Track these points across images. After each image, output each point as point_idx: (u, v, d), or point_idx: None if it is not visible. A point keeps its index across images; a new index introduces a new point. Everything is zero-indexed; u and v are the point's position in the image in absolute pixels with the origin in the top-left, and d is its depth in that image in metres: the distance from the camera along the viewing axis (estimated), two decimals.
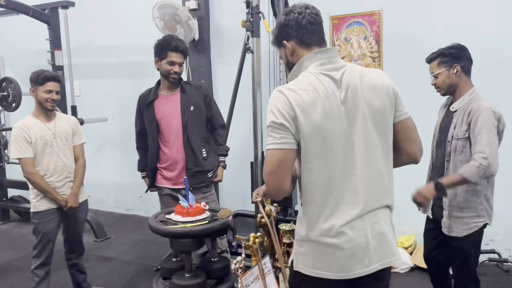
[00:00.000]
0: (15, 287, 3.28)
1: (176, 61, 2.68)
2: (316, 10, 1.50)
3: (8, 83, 4.70)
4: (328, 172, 1.37)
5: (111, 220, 4.91)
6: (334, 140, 1.36)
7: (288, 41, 1.48)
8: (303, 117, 1.33)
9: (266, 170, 1.37)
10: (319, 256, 1.41)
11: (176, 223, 2.18)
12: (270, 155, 1.36)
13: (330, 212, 1.38)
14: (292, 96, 1.34)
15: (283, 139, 1.34)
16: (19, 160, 2.69)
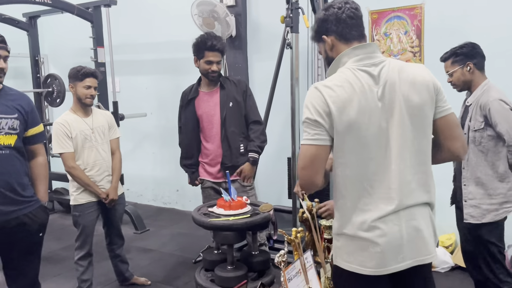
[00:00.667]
0: (60, 275, 3.42)
1: (214, 60, 2.74)
2: (356, 4, 1.50)
3: (53, 79, 4.91)
4: (362, 168, 1.38)
5: (149, 213, 5.03)
6: (370, 136, 1.37)
7: (327, 36, 1.48)
8: (338, 113, 1.34)
9: (300, 165, 1.41)
10: (353, 251, 1.42)
11: (219, 216, 2.22)
12: (304, 150, 1.39)
13: (364, 206, 1.39)
14: (328, 93, 1.35)
15: (317, 135, 1.36)
16: (60, 155, 2.79)
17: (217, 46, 2.73)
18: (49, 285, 3.19)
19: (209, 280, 2.25)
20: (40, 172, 2.26)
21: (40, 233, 2.21)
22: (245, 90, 2.88)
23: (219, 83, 2.86)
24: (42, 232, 2.23)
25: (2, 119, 2.02)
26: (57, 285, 3.25)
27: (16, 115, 2.08)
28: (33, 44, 4.91)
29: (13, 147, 2.05)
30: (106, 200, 2.84)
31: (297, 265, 2.01)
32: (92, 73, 2.81)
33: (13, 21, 4.63)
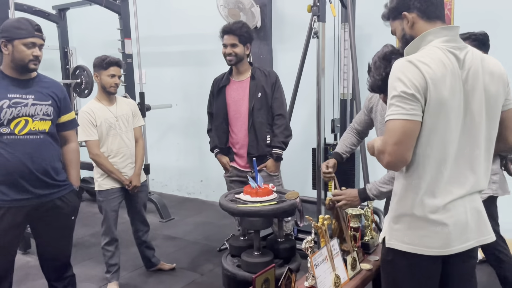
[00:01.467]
0: (90, 259, 3.52)
1: (226, 43, 2.79)
2: None
3: (81, 71, 5.01)
4: (443, 149, 1.38)
5: (173, 202, 5.11)
6: (453, 118, 1.38)
7: (409, 12, 1.45)
8: (433, 90, 1.32)
9: (391, 140, 1.34)
10: (418, 232, 1.43)
11: (246, 203, 2.24)
12: (398, 125, 1.33)
13: (436, 189, 1.40)
14: (424, 69, 1.32)
15: (413, 110, 1.32)
16: (85, 143, 2.85)
17: (227, 28, 2.77)
18: (80, 269, 3.28)
19: (236, 265, 2.28)
20: (72, 158, 2.33)
21: (72, 216, 2.28)
22: (274, 82, 2.87)
23: (250, 73, 2.87)
24: (74, 215, 2.30)
25: (37, 105, 2.09)
26: (87, 269, 3.34)
27: (50, 102, 2.15)
28: (62, 36, 5.03)
29: (47, 133, 2.12)
30: (129, 186, 2.90)
31: (323, 251, 2.02)
32: (116, 62, 2.86)
33: (43, 13, 4.75)
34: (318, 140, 3.37)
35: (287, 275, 1.80)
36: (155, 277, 3.20)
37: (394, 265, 1.51)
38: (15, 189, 2.03)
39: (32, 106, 2.07)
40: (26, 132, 2.04)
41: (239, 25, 2.81)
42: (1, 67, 2.09)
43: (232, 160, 2.98)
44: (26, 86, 2.09)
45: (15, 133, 2.02)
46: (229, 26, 2.79)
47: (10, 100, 2.02)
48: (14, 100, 2.02)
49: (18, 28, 2.02)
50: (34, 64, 2.06)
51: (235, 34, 2.77)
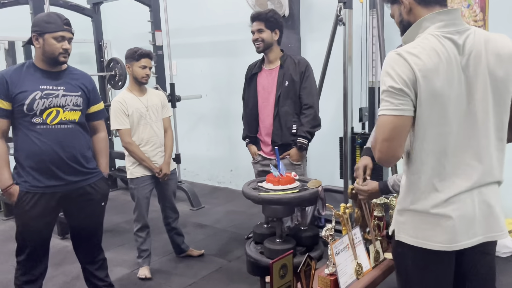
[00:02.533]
0: (123, 245, 3.66)
1: (254, 29, 2.80)
2: None
3: (115, 63, 5.16)
4: (441, 142, 1.31)
5: (204, 191, 5.21)
6: (452, 108, 1.29)
7: None
8: (424, 83, 1.26)
9: (381, 137, 1.31)
10: (421, 225, 1.37)
11: (268, 191, 2.26)
12: (386, 121, 1.30)
13: (439, 183, 1.33)
14: (413, 60, 1.26)
15: (402, 105, 1.27)
16: (118, 131, 2.96)
17: (254, 14, 2.78)
18: (113, 254, 3.43)
19: (259, 252, 2.31)
20: (101, 146, 2.43)
21: (102, 202, 2.38)
22: (303, 71, 2.81)
23: (279, 61, 2.86)
24: (104, 201, 2.40)
25: (67, 96, 2.18)
26: (120, 254, 3.48)
27: (79, 93, 2.24)
28: (97, 29, 5.19)
29: (77, 122, 2.22)
30: (160, 174, 2.98)
31: (345, 240, 2.02)
32: (147, 53, 2.94)
33: (78, 8, 4.92)
34: (345, 129, 3.33)
35: (306, 262, 1.82)
36: (185, 263, 3.30)
37: (404, 258, 1.47)
38: (48, 176, 2.15)
39: (63, 97, 2.16)
40: (57, 122, 2.14)
41: (266, 10, 2.82)
42: (34, 60, 2.19)
43: (259, 149, 3.01)
44: (57, 78, 2.19)
45: (47, 123, 2.12)
46: (256, 12, 2.81)
47: (42, 91, 2.12)
48: (46, 91, 2.13)
49: (48, 23, 2.11)
50: (63, 57, 2.15)
51: (261, 20, 2.77)
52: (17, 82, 2.09)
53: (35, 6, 3.50)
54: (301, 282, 1.79)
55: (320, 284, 1.87)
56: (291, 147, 2.87)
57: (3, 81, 2.08)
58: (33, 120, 2.10)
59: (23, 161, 2.14)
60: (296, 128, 2.84)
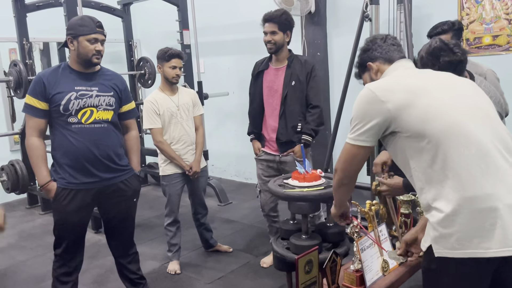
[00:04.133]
0: (154, 239, 3.78)
1: (267, 31, 2.84)
2: (395, 36, 1.78)
3: (145, 62, 5.29)
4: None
5: (232, 187, 5.28)
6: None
7: (373, 62, 1.63)
8: (402, 108, 1.48)
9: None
10: (468, 232, 1.31)
11: (293, 188, 2.30)
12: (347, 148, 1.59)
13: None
14: (383, 94, 1.47)
15: (364, 136, 1.53)
16: (150, 130, 3.04)
17: (267, 16, 2.83)
18: (144, 248, 3.55)
19: (285, 248, 2.35)
20: (133, 144, 2.52)
21: (134, 198, 2.48)
22: (309, 72, 2.88)
23: (287, 61, 2.92)
24: (136, 197, 2.49)
25: (101, 97, 2.28)
26: (151, 248, 3.59)
27: (112, 93, 2.33)
28: (127, 29, 5.32)
29: (110, 121, 2.31)
30: (190, 172, 3.06)
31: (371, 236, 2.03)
32: (177, 54, 3.01)
33: (109, 8, 5.06)
34: None
35: (332, 258, 1.84)
36: (213, 257, 3.37)
37: (439, 275, 1.39)
38: (83, 173, 2.25)
39: (96, 97, 2.26)
40: (92, 121, 2.24)
41: (279, 13, 2.84)
42: (69, 62, 2.29)
43: (264, 145, 3.07)
44: (91, 79, 2.29)
45: (82, 122, 2.22)
46: (269, 14, 2.83)
47: (77, 92, 2.22)
48: (80, 92, 2.22)
49: (82, 26, 2.21)
50: (96, 58, 2.24)
51: (275, 22, 2.81)
52: (53, 83, 2.20)
53: (68, 8, 3.63)
54: (326, 278, 1.82)
55: (346, 280, 1.89)
56: (295, 145, 2.92)
57: (40, 83, 2.19)
58: (68, 120, 2.20)
59: (60, 158, 2.25)
60: (301, 127, 2.90)
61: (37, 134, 2.23)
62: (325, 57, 4.42)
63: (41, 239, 3.93)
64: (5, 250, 3.68)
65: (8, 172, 4.42)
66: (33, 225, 4.32)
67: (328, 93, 4.50)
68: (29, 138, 2.22)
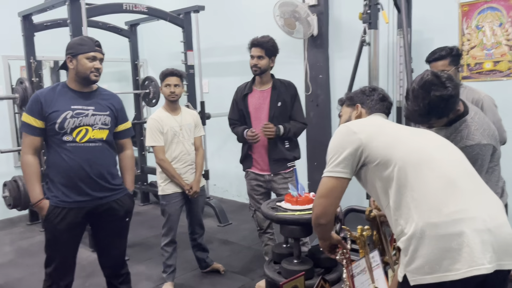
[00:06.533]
0: (151, 259, 3.75)
1: (254, 55, 2.94)
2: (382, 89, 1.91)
3: (150, 81, 5.36)
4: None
5: (233, 207, 5.25)
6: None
7: (361, 106, 1.80)
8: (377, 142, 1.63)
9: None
10: (436, 257, 1.33)
11: (286, 211, 2.28)
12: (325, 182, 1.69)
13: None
14: (358, 128, 1.65)
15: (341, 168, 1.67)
16: (152, 148, 3.07)
17: (255, 42, 2.94)
18: (141, 267, 3.52)
19: (276, 272, 2.32)
20: (127, 164, 2.53)
21: (126, 218, 2.47)
22: (294, 94, 3.04)
23: (271, 83, 3.01)
24: (129, 217, 2.49)
25: (96, 116, 2.30)
26: (147, 268, 3.56)
27: (108, 113, 2.36)
28: (133, 49, 5.41)
29: (104, 141, 2.33)
30: (190, 191, 3.06)
31: (362, 263, 1.99)
32: (170, 72, 3.05)
33: (116, 29, 5.16)
34: None
35: (320, 284, 1.81)
36: (208, 279, 3.33)
37: None
38: (76, 191, 2.25)
39: (92, 116, 2.28)
40: (86, 140, 2.26)
41: (266, 39, 2.95)
42: (67, 81, 2.33)
43: (251, 166, 3.10)
44: (88, 98, 2.32)
45: (77, 141, 2.24)
46: (257, 40, 2.95)
47: (73, 111, 2.25)
48: (76, 111, 2.25)
49: (81, 45, 2.26)
50: (95, 76, 2.28)
51: (262, 47, 2.93)
52: (50, 102, 2.23)
53: (74, 28, 3.70)
54: None
55: None
56: (283, 162, 3.01)
57: (38, 102, 2.22)
58: (63, 138, 2.23)
59: (54, 176, 2.26)
60: (288, 144, 3.01)
61: (32, 152, 2.25)
62: (327, 79, 4.44)
63: (38, 256, 3.90)
64: (2, 267, 3.68)
65: (11, 188, 4.46)
66: (32, 242, 4.32)
67: (329, 115, 4.51)
68: (24, 155, 2.24)
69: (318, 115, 4.43)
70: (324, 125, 4.46)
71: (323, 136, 4.46)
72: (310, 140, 4.53)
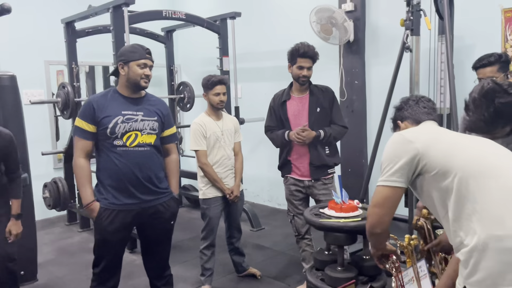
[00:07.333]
0: (187, 262, 3.80)
1: (304, 66, 2.92)
2: (429, 98, 1.86)
3: (184, 86, 5.45)
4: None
5: (264, 212, 5.27)
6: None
7: (402, 121, 1.80)
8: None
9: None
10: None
11: (330, 218, 2.28)
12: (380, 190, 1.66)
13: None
14: (414, 137, 1.62)
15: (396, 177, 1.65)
16: (195, 152, 3.12)
17: (308, 53, 2.91)
18: (177, 270, 3.57)
19: (319, 279, 2.32)
20: (173, 168, 2.58)
21: (171, 221, 2.52)
22: (331, 98, 3.04)
23: (308, 90, 3.01)
24: (173, 220, 2.54)
25: (145, 121, 2.36)
26: (184, 270, 3.62)
27: (156, 118, 2.42)
28: (169, 55, 5.52)
29: (153, 145, 2.39)
30: (231, 196, 3.10)
31: (409, 272, 1.97)
32: (219, 80, 3.10)
33: (153, 35, 5.28)
34: None
35: None
36: (245, 283, 3.36)
37: None
38: (125, 194, 2.32)
39: (141, 122, 2.35)
40: (136, 145, 2.32)
41: (314, 49, 2.95)
42: (117, 87, 2.41)
43: (291, 171, 3.09)
44: (137, 103, 2.38)
45: (127, 145, 2.31)
46: (307, 51, 2.91)
47: (124, 116, 2.31)
48: (127, 116, 2.32)
49: (133, 52, 2.33)
50: (145, 82, 2.35)
51: (312, 58, 2.94)
52: (102, 107, 2.30)
53: (116, 35, 3.82)
54: None
55: None
56: (324, 168, 3.00)
57: (90, 107, 2.30)
58: (114, 143, 2.30)
59: (104, 179, 2.33)
60: (328, 150, 3.02)
61: (84, 155, 2.33)
62: (363, 85, 4.42)
63: (78, 256, 4.03)
64: (45, 265, 3.80)
65: (51, 189, 4.60)
66: (71, 242, 4.45)
67: (365, 120, 4.48)
68: (77, 158, 2.33)
69: (353, 121, 4.41)
70: (359, 132, 4.43)
71: (358, 142, 4.43)
72: (344, 146, 4.50)
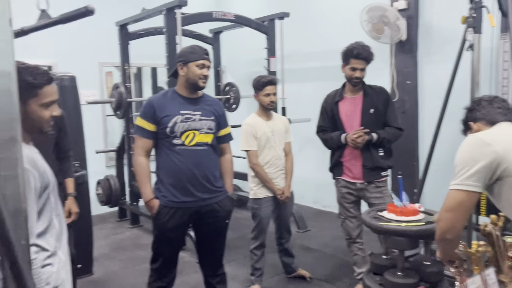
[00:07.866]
0: (236, 261, 3.83)
1: (357, 67, 2.86)
2: (504, 98, 1.74)
3: (230, 87, 5.50)
4: None
5: (310, 214, 5.22)
6: None
7: (474, 122, 1.69)
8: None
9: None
10: None
11: (390, 221, 2.22)
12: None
13: None
14: (491, 140, 1.53)
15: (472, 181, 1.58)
16: (246, 152, 3.13)
17: (362, 54, 2.84)
18: (227, 268, 3.53)
19: (378, 283, 2.27)
20: (227, 167, 2.60)
21: (226, 219, 2.54)
22: (386, 99, 2.96)
23: (362, 90, 2.94)
24: (228, 219, 2.56)
25: (203, 121, 2.39)
26: (233, 269, 3.64)
27: (212, 118, 2.44)
28: (216, 56, 5.58)
29: (210, 144, 2.42)
30: (282, 196, 3.09)
31: (476, 280, 1.88)
32: (269, 81, 3.10)
33: (201, 36, 5.35)
34: None
35: None
36: (294, 285, 3.34)
37: None
38: (183, 192, 2.36)
39: (199, 121, 2.38)
40: (194, 144, 2.36)
41: (369, 49, 2.87)
42: (176, 88, 2.45)
43: (342, 173, 3.03)
44: (195, 103, 2.42)
45: (185, 144, 2.35)
46: (361, 52, 2.83)
47: (182, 115, 2.35)
48: (185, 115, 2.36)
49: (192, 53, 2.37)
50: (203, 82, 2.38)
51: (366, 60, 2.87)
52: (162, 107, 2.35)
53: (169, 36, 3.91)
54: None
55: None
56: (378, 170, 2.93)
57: (151, 107, 2.36)
58: (173, 141, 2.34)
59: (163, 177, 2.38)
60: (382, 152, 2.94)
61: (144, 154, 2.39)
62: (415, 85, 4.29)
63: (130, 251, 4.15)
64: (99, 259, 3.93)
65: (104, 186, 4.76)
66: (123, 237, 4.59)
67: (416, 122, 4.35)
68: (137, 157, 2.39)
69: (405, 122, 4.27)
70: (410, 133, 4.31)
71: (410, 144, 4.31)
72: (395, 148, 4.36)
